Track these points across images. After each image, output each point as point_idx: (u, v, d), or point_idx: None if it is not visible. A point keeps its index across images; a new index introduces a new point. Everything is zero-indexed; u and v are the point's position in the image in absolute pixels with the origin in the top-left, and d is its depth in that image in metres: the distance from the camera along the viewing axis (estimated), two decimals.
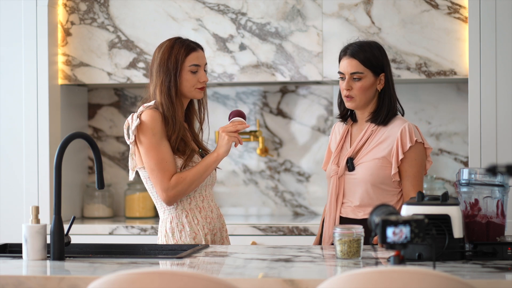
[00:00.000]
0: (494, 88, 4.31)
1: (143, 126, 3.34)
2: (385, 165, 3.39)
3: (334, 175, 3.45)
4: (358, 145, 3.45)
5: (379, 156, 3.39)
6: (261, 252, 3.07)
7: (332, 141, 3.61)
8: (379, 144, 3.42)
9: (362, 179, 3.39)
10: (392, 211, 2.64)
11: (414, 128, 3.40)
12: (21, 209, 4.62)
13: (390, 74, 3.47)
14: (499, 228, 2.95)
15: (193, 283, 2.23)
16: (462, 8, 4.44)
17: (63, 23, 4.77)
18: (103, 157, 5.10)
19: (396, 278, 2.20)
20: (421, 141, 3.40)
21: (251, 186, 5.03)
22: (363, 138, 3.45)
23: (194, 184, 3.35)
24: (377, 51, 3.45)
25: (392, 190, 3.40)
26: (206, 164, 3.37)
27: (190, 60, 3.41)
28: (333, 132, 3.62)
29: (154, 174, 3.34)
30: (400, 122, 3.43)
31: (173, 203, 3.36)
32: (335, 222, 3.43)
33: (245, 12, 4.64)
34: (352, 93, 3.43)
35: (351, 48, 3.45)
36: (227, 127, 3.38)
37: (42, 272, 2.74)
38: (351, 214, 3.42)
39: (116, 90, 5.15)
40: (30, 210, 2.98)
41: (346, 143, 3.52)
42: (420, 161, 3.40)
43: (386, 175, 3.39)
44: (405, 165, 3.38)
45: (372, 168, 3.39)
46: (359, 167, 3.41)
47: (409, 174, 3.38)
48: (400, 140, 3.37)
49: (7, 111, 4.67)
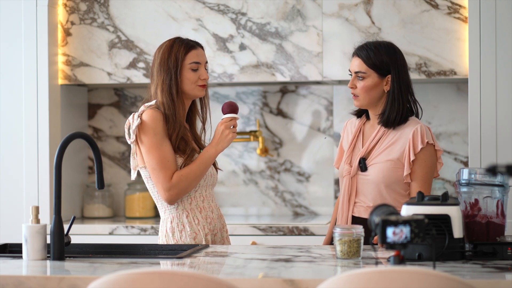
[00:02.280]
0: (494, 88, 4.31)
1: (144, 126, 3.34)
2: (397, 167, 3.39)
3: (346, 175, 3.45)
4: (370, 145, 3.44)
5: (391, 158, 3.39)
6: (261, 252, 3.07)
7: (344, 139, 3.60)
8: (392, 145, 3.41)
9: (375, 180, 3.39)
10: (392, 211, 2.64)
11: (426, 129, 3.39)
12: (21, 209, 4.62)
13: (400, 76, 3.42)
14: (499, 228, 2.95)
15: (193, 283, 2.23)
16: (462, 8, 4.44)
17: (63, 23, 4.77)
18: (103, 157, 5.10)
19: (396, 278, 2.20)
20: (432, 143, 3.39)
21: (251, 186, 5.03)
22: (375, 138, 3.44)
23: (195, 181, 3.35)
24: (384, 53, 3.43)
25: (403, 191, 3.40)
26: (205, 160, 3.37)
27: (190, 57, 3.41)
28: (345, 130, 3.61)
29: (155, 173, 3.34)
30: (413, 123, 3.41)
31: (174, 202, 3.36)
32: (348, 222, 3.43)
33: (245, 12, 4.64)
34: (355, 92, 3.44)
35: (359, 48, 3.46)
36: (228, 123, 3.38)
37: (42, 272, 2.74)
38: (363, 213, 3.41)
39: (116, 90, 5.15)
40: (30, 210, 2.97)
41: (358, 142, 3.51)
42: (429, 163, 3.38)
43: (398, 176, 3.38)
44: (415, 166, 3.37)
45: (385, 170, 3.38)
46: (372, 167, 3.41)
47: (418, 175, 3.37)
48: (412, 141, 3.37)
49: (7, 111, 4.67)
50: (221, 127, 3.38)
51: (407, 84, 3.45)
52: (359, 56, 3.44)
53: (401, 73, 3.44)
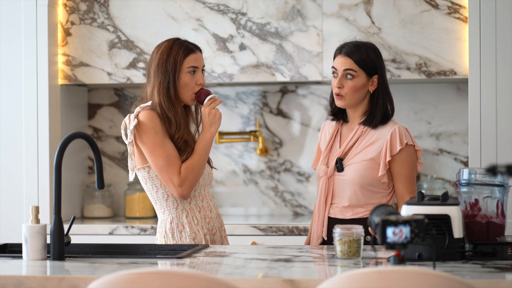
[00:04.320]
0: (494, 88, 4.31)
1: (143, 126, 3.34)
2: (374, 167, 3.39)
3: (323, 176, 3.46)
4: (347, 146, 3.45)
5: (368, 158, 3.40)
6: (261, 252, 3.07)
7: (321, 140, 3.60)
8: (369, 145, 3.42)
9: (351, 180, 3.39)
10: (392, 211, 2.64)
11: (404, 130, 3.41)
12: (21, 209, 4.62)
13: (384, 76, 3.46)
14: (499, 228, 2.95)
15: (193, 283, 2.23)
16: (462, 8, 4.44)
17: (63, 23, 4.77)
18: (103, 157, 5.10)
19: (396, 278, 2.20)
20: (412, 144, 3.40)
21: (251, 186, 5.03)
22: (353, 138, 3.45)
23: (201, 170, 3.36)
24: (372, 52, 3.44)
25: (381, 192, 3.40)
26: (204, 146, 3.38)
27: (188, 61, 3.41)
28: (323, 131, 3.62)
29: (163, 171, 3.33)
30: (391, 124, 3.43)
31: (188, 196, 3.36)
32: (324, 223, 3.43)
33: (245, 12, 4.64)
34: (342, 92, 3.42)
35: (346, 47, 3.44)
36: (211, 105, 3.39)
37: (42, 272, 2.74)
38: (339, 214, 3.42)
39: (116, 90, 5.15)
40: (30, 210, 2.98)
41: (335, 143, 3.51)
42: (411, 163, 3.40)
43: (374, 177, 3.39)
44: (397, 167, 3.38)
45: (361, 170, 3.39)
46: (348, 168, 3.41)
47: (401, 176, 3.39)
48: (390, 142, 3.38)
49: (7, 111, 4.67)
50: (206, 110, 3.40)
51: (387, 84, 3.48)
52: (349, 56, 3.42)
53: (384, 73, 3.46)
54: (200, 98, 3.42)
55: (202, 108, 3.41)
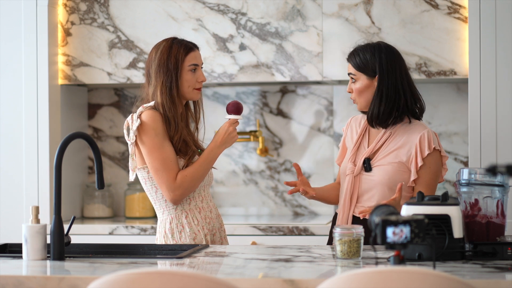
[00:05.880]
0: (494, 88, 4.31)
1: (144, 127, 3.34)
2: (402, 170, 3.38)
3: (350, 174, 3.45)
4: (376, 146, 3.44)
5: (397, 161, 3.38)
6: (261, 252, 3.07)
7: (347, 136, 3.59)
8: (398, 148, 3.40)
9: (380, 181, 3.39)
10: (392, 211, 2.64)
11: (433, 135, 3.39)
12: (21, 209, 4.62)
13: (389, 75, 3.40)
14: (499, 228, 2.95)
15: (193, 283, 2.23)
16: (462, 8, 4.44)
17: (63, 23, 4.77)
18: (103, 157, 5.10)
19: (396, 278, 2.20)
20: (439, 149, 3.39)
21: (251, 186, 5.03)
22: (382, 139, 3.44)
23: (199, 180, 3.36)
24: (370, 54, 3.42)
25: (406, 195, 3.40)
26: (210, 160, 3.38)
27: (189, 59, 3.41)
28: (349, 127, 3.60)
29: (159, 174, 3.33)
30: (420, 128, 3.40)
31: (180, 202, 3.36)
32: (348, 221, 3.43)
33: (245, 12, 4.64)
34: (352, 96, 3.47)
35: (350, 52, 3.50)
36: (235, 124, 3.41)
37: (42, 272, 2.74)
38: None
39: (116, 90, 5.15)
40: (30, 210, 2.97)
41: (364, 141, 3.51)
42: (434, 169, 3.38)
43: (402, 180, 3.37)
44: (420, 171, 3.37)
45: (390, 172, 3.38)
46: (377, 169, 3.41)
47: (423, 181, 3.37)
48: (419, 147, 3.37)
49: (7, 111, 4.67)
50: (229, 127, 3.39)
51: (395, 83, 3.41)
52: (349, 60, 3.48)
53: (389, 72, 3.40)
54: (230, 108, 3.42)
55: (225, 122, 3.41)
